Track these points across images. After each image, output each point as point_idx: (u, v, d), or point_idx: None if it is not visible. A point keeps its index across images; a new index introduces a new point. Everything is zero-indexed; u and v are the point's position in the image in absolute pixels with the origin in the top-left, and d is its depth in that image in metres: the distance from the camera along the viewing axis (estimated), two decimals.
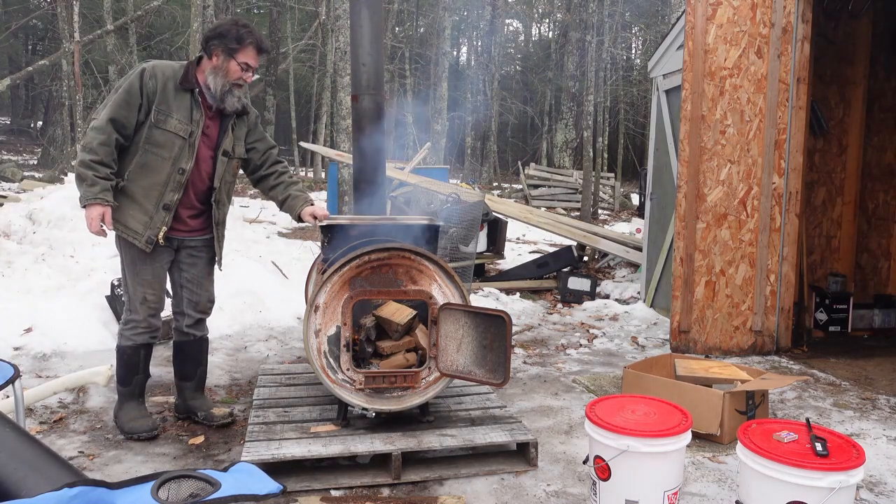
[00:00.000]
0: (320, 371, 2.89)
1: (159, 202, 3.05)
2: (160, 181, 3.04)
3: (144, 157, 3.01)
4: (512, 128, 33.20)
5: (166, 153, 3.02)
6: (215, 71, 3.06)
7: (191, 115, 3.07)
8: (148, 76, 2.98)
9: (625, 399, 2.64)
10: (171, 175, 3.04)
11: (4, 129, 30.11)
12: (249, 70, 3.10)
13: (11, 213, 6.47)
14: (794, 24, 4.81)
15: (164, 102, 3.01)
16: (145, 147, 3.01)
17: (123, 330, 3.19)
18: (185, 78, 3.06)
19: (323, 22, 20.87)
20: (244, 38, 3.05)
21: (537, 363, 4.68)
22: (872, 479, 2.96)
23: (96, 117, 2.96)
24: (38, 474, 1.40)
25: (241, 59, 3.06)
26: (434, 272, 3.02)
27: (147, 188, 3.03)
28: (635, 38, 30.31)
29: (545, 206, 16.90)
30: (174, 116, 3.02)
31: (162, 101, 3.00)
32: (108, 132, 2.91)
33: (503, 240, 7.73)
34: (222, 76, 3.06)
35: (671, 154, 6.01)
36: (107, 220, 2.92)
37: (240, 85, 3.11)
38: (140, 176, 3.02)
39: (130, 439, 3.16)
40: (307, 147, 13.19)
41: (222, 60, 3.05)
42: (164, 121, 3.01)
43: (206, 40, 3.10)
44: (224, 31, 3.06)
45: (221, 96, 3.08)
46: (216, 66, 3.06)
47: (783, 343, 5.00)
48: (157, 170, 3.03)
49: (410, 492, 2.74)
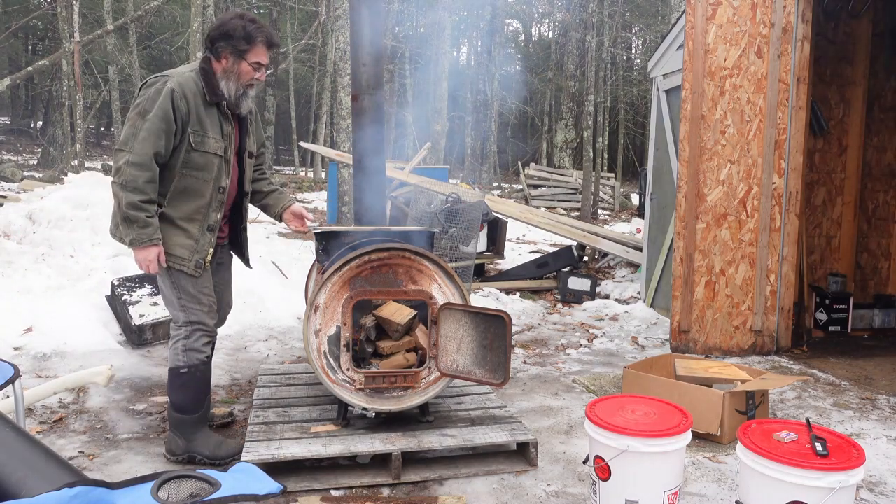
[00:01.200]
0: (320, 371, 2.89)
1: (204, 224, 2.90)
2: (203, 204, 2.88)
3: (184, 182, 2.84)
4: (512, 128, 33.19)
5: (207, 175, 2.87)
6: (227, 75, 2.87)
7: (222, 130, 2.90)
8: (178, 97, 2.76)
9: (625, 399, 2.64)
10: (213, 195, 2.90)
11: (4, 129, 30.11)
12: (262, 68, 2.93)
13: (11, 213, 6.47)
14: (794, 24, 4.81)
15: (197, 123, 2.82)
16: (183, 171, 2.83)
17: (191, 346, 2.92)
18: (213, 91, 2.86)
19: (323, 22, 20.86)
20: (253, 35, 2.85)
21: (537, 363, 4.68)
22: (872, 479, 2.96)
23: (128, 149, 2.72)
24: (38, 474, 1.40)
25: (252, 60, 2.87)
26: (434, 272, 3.02)
27: (191, 213, 2.87)
28: (635, 38, 30.30)
29: (545, 206, 16.90)
30: (210, 136, 2.86)
31: (196, 121, 2.82)
32: (152, 169, 2.73)
33: (503, 240, 7.73)
34: (235, 80, 2.88)
35: (671, 154, 6.01)
36: (161, 258, 2.80)
37: (252, 85, 2.95)
38: (181, 201, 2.86)
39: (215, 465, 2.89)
40: (307, 147, 13.19)
41: (232, 62, 2.86)
42: (201, 142, 2.84)
43: (212, 41, 2.87)
44: (230, 29, 2.83)
45: (236, 100, 2.92)
46: (227, 69, 2.87)
47: (783, 343, 5.00)
48: (199, 193, 2.87)
49: (410, 492, 2.74)
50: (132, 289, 4.84)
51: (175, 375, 2.93)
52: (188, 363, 2.91)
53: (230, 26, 2.85)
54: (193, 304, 2.93)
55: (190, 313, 2.93)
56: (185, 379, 2.92)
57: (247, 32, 2.84)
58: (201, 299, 2.95)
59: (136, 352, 4.49)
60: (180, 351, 2.92)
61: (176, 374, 2.93)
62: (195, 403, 2.96)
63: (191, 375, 2.92)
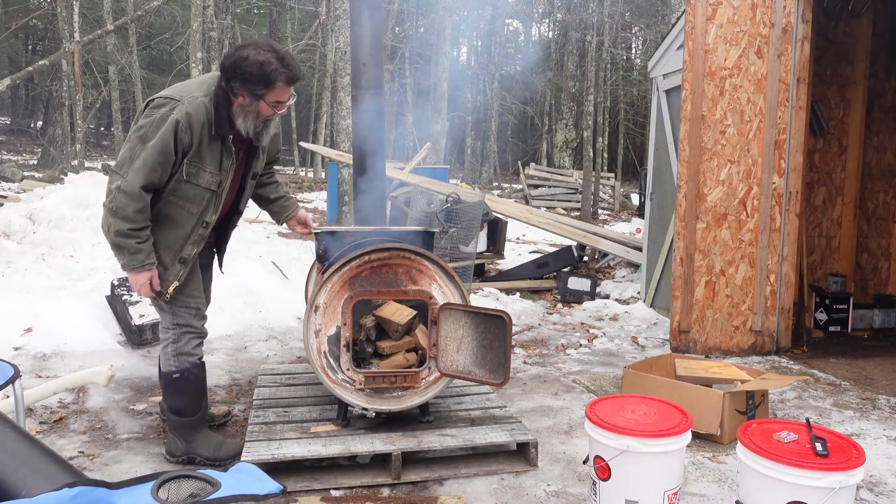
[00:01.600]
0: (320, 371, 2.89)
1: (177, 256, 2.79)
2: (182, 235, 2.78)
3: (168, 209, 2.74)
4: (512, 128, 33.19)
5: (194, 208, 2.76)
6: (244, 112, 2.72)
7: (220, 164, 2.76)
8: (183, 130, 2.62)
9: (625, 399, 2.64)
10: (194, 228, 2.79)
11: (4, 129, 30.10)
12: (281, 104, 2.75)
13: (11, 213, 6.47)
14: (794, 24, 4.81)
15: (196, 154, 2.70)
16: (170, 199, 2.73)
17: (181, 349, 2.88)
18: (220, 125, 2.70)
19: (323, 22, 20.86)
20: (272, 78, 2.65)
21: (537, 363, 4.68)
22: (872, 479, 2.96)
23: (122, 174, 2.62)
24: (38, 474, 1.40)
25: (271, 100, 2.71)
26: (434, 272, 3.02)
27: (168, 241, 2.77)
28: (635, 38, 30.30)
29: (545, 206, 16.90)
30: (206, 169, 2.73)
31: (195, 154, 2.69)
32: (143, 200, 2.62)
33: (503, 240, 7.73)
34: (252, 118, 2.74)
35: (671, 154, 6.01)
36: (154, 282, 2.74)
37: (271, 119, 2.82)
38: (161, 226, 2.75)
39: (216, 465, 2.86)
40: (307, 147, 13.19)
41: (249, 102, 2.70)
42: (195, 174, 2.72)
43: (227, 79, 2.68)
44: (247, 71, 2.63)
45: (256, 136, 2.80)
46: (243, 105, 2.71)
47: (783, 343, 5.00)
48: (180, 224, 2.77)
49: (410, 492, 2.74)
50: (132, 289, 4.84)
51: (168, 381, 2.91)
52: (180, 368, 2.88)
53: (246, 68, 2.63)
54: (181, 308, 2.88)
55: (178, 316, 2.88)
56: (179, 383, 2.89)
57: (264, 74, 2.63)
58: (188, 303, 2.89)
59: (136, 352, 4.49)
60: (171, 356, 2.88)
61: (169, 380, 2.90)
62: (192, 406, 2.93)
63: (184, 379, 2.89)
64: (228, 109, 2.72)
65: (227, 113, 2.71)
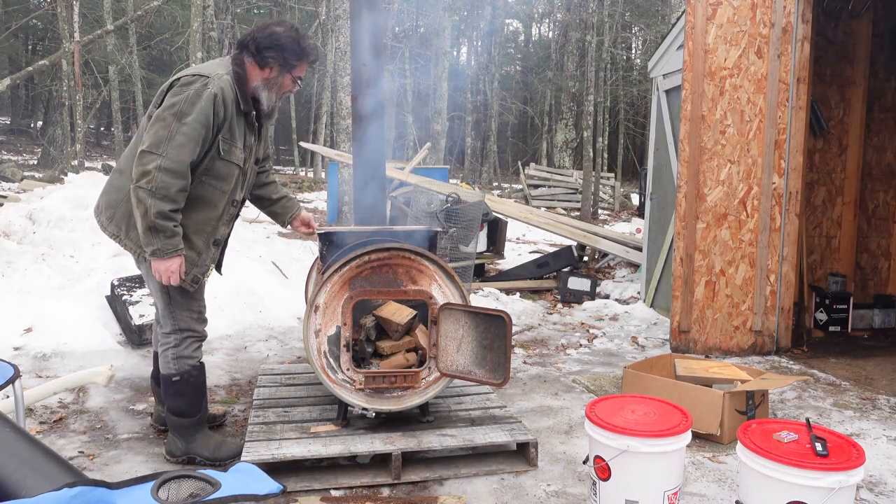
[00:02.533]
0: (320, 371, 2.89)
1: (210, 238, 2.79)
2: (215, 216, 2.78)
3: (201, 189, 2.72)
4: (512, 128, 33.19)
5: (226, 185, 2.76)
6: (269, 84, 2.79)
7: (245, 141, 2.80)
8: (220, 104, 2.64)
9: (625, 399, 2.64)
10: (225, 208, 2.80)
11: (4, 129, 30.10)
12: (298, 83, 2.89)
13: (11, 213, 6.47)
14: (794, 24, 4.81)
15: (228, 131, 2.72)
16: (203, 178, 2.71)
17: (181, 353, 2.87)
18: (245, 100, 2.76)
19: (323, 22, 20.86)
20: (308, 53, 2.81)
21: (537, 363, 4.68)
22: (872, 479, 2.96)
23: (160, 153, 2.55)
24: (38, 474, 1.40)
25: (296, 74, 2.83)
26: (434, 272, 3.02)
27: (200, 223, 2.75)
28: (635, 38, 30.31)
29: (545, 206, 16.90)
30: (237, 145, 2.76)
31: (228, 129, 2.71)
32: (186, 177, 2.60)
33: (503, 240, 7.73)
34: (276, 91, 2.82)
35: (671, 154, 6.01)
36: (182, 269, 2.68)
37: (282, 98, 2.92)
38: (193, 210, 2.71)
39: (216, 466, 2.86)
40: (307, 147, 13.19)
41: (277, 74, 2.78)
42: (229, 151, 2.73)
43: (261, 49, 2.73)
44: (284, 42, 2.74)
45: (271, 109, 2.87)
46: (269, 78, 2.78)
47: (783, 343, 5.00)
48: (213, 203, 2.76)
49: (410, 492, 2.74)
50: (132, 289, 4.84)
51: (168, 383, 2.89)
52: (180, 370, 2.87)
53: (284, 38, 2.74)
54: (183, 312, 2.86)
55: (179, 321, 2.86)
56: (178, 386, 2.89)
57: (301, 48, 2.78)
58: (192, 306, 2.88)
59: (136, 352, 4.49)
60: (171, 359, 2.87)
61: (169, 382, 2.89)
62: (192, 407, 2.92)
63: (184, 382, 2.89)
64: (247, 87, 2.78)
65: (248, 89, 2.78)
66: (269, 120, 2.93)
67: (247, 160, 2.84)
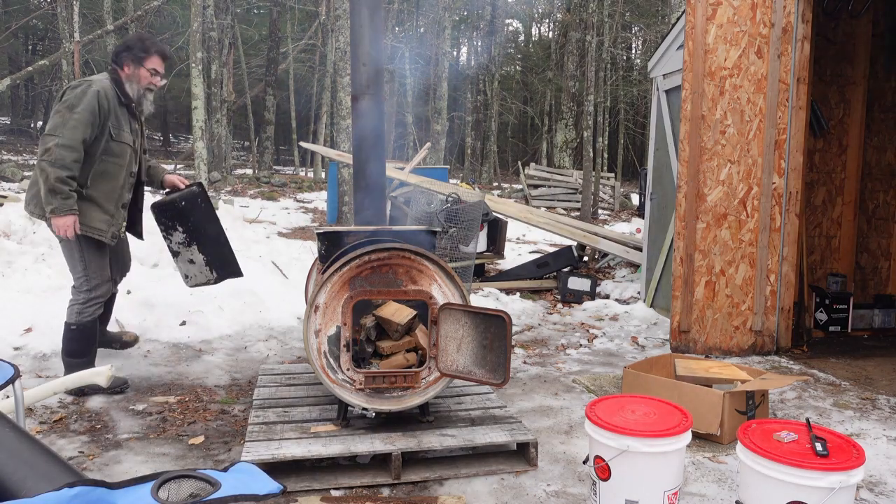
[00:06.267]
0: (320, 371, 2.89)
1: (118, 203, 3.62)
2: (118, 185, 3.59)
3: (103, 166, 3.51)
4: (512, 128, 33.20)
5: (122, 161, 3.58)
6: (129, 79, 3.58)
7: (131, 126, 3.63)
8: (102, 97, 3.44)
9: (625, 399, 2.64)
10: (125, 179, 3.63)
11: (4, 129, 30.08)
12: (157, 75, 3.63)
13: (11, 213, 6.47)
14: (794, 24, 4.81)
15: (114, 118, 3.51)
16: (103, 157, 3.50)
17: (83, 308, 3.59)
18: (125, 93, 3.57)
19: (323, 22, 20.86)
20: (149, 47, 3.60)
21: (537, 363, 4.68)
22: (872, 479, 2.96)
23: (57, 134, 3.32)
24: (37, 474, 1.40)
25: (149, 66, 3.59)
26: (434, 272, 3.02)
27: (108, 192, 3.55)
28: (635, 38, 30.32)
29: (545, 206, 16.90)
30: (125, 129, 3.57)
31: (113, 117, 3.50)
32: (79, 150, 3.36)
33: (503, 240, 7.73)
34: (136, 83, 3.59)
35: (671, 154, 6.01)
36: (76, 226, 3.41)
37: (151, 90, 3.65)
38: (100, 182, 3.52)
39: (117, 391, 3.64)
40: (307, 147, 13.19)
41: (133, 69, 3.57)
42: (118, 134, 3.53)
43: (116, 55, 3.60)
44: (130, 43, 3.60)
45: (137, 101, 3.63)
46: (129, 75, 3.58)
47: (783, 343, 5.00)
48: (115, 176, 3.57)
49: (410, 492, 2.74)
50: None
51: (67, 329, 3.63)
52: (79, 322, 3.60)
53: (129, 41, 3.64)
54: (95, 276, 3.60)
55: (91, 283, 3.59)
56: (74, 333, 3.62)
57: (144, 45, 3.59)
58: (103, 272, 3.63)
59: (136, 352, 4.48)
60: (75, 312, 3.60)
61: (68, 329, 3.63)
62: (83, 350, 3.64)
63: (80, 331, 3.61)
64: (122, 86, 3.59)
65: (123, 86, 3.59)
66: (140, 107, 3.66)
67: (136, 140, 3.67)
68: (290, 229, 10.99)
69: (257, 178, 18.78)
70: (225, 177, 17.50)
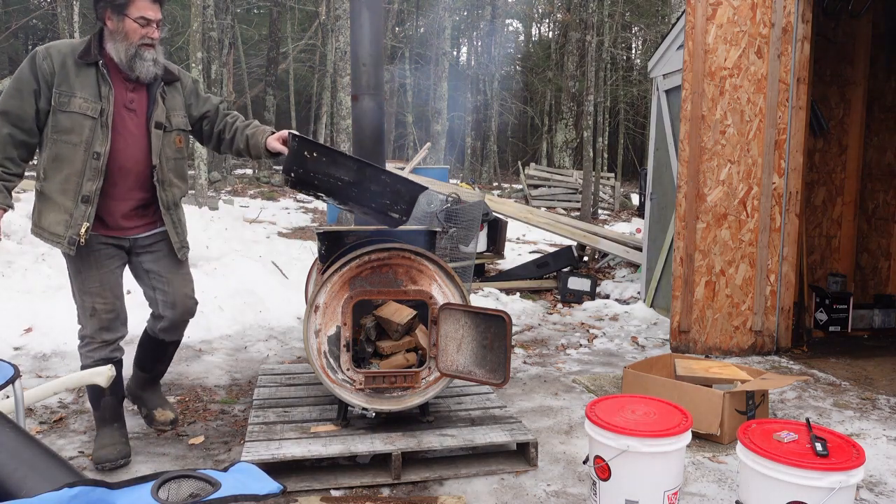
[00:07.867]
0: (320, 371, 2.89)
1: (77, 195, 2.69)
2: (75, 171, 2.68)
3: (55, 149, 2.69)
4: (512, 128, 33.20)
5: (76, 138, 2.68)
6: (113, 36, 2.70)
7: (98, 92, 2.70)
8: (41, 58, 2.66)
9: (625, 399, 2.64)
10: (85, 162, 2.68)
11: None
12: (150, 24, 2.72)
13: (11, 213, 6.46)
14: (794, 24, 4.81)
15: (64, 83, 2.67)
16: (53, 137, 2.68)
17: (80, 348, 2.90)
18: (86, 51, 2.70)
19: (323, 22, 20.87)
20: None
21: (537, 363, 4.68)
22: (872, 479, 2.96)
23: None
24: (38, 474, 1.40)
25: (134, 15, 2.67)
26: (434, 272, 3.02)
27: (62, 182, 2.69)
28: (635, 38, 30.31)
29: (545, 206, 16.90)
30: (78, 95, 2.67)
31: (62, 81, 2.67)
32: (4, 127, 2.63)
33: (503, 240, 7.73)
34: (122, 39, 2.69)
35: (671, 154, 6.01)
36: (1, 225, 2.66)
37: (148, 45, 2.74)
38: (54, 170, 2.70)
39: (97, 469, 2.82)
40: None
41: (116, 22, 2.68)
42: (66, 102, 2.67)
43: (95, 9, 2.74)
44: None
45: (129, 63, 2.71)
46: (113, 30, 2.70)
47: (783, 343, 5.00)
48: (69, 159, 2.68)
49: (410, 492, 2.74)
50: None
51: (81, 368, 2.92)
52: (82, 364, 2.91)
53: None
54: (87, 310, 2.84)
55: (79, 315, 2.86)
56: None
57: None
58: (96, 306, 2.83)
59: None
60: (82, 354, 2.91)
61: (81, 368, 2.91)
62: (93, 400, 2.98)
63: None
64: (101, 41, 2.75)
65: (98, 43, 2.74)
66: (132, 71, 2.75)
67: (104, 111, 2.70)
68: (290, 229, 11.00)
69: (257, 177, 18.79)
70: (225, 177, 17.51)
